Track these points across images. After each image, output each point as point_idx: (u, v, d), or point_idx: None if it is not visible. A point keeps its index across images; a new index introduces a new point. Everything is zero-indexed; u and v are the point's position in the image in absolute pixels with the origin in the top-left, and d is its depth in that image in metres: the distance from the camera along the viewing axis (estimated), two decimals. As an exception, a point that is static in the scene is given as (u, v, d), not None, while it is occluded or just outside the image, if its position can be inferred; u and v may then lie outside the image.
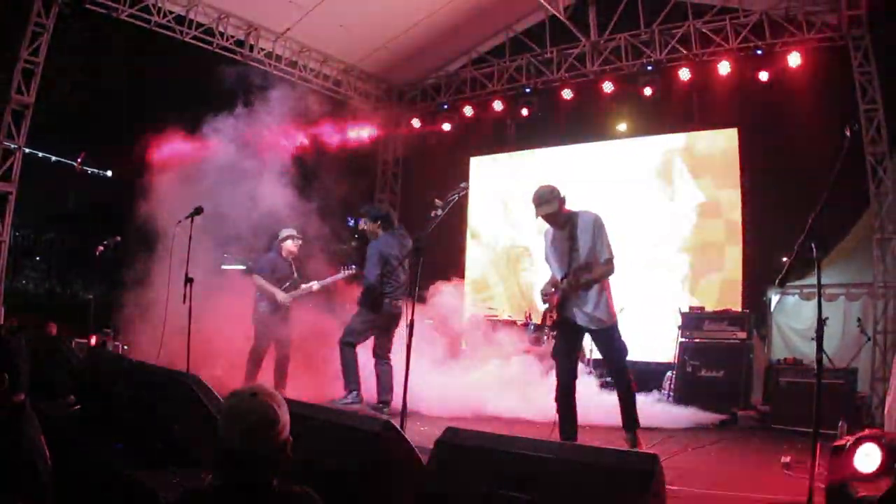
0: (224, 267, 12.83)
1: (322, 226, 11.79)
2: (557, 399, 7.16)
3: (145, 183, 12.36)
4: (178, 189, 11.59)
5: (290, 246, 10.92)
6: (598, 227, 7.13)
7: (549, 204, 7.12)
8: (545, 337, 12.24)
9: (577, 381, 7.32)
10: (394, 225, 9.93)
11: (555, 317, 7.31)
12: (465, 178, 16.42)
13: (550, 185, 7.30)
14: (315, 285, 10.87)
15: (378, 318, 9.55)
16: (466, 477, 4.09)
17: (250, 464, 2.84)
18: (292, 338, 10.79)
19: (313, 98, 17.31)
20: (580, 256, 7.05)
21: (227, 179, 11.51)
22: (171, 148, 13.17)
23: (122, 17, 13.78)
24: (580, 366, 8.77)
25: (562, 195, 7.26)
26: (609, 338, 7.29)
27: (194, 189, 11.22)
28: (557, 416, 7.15)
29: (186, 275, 9.81)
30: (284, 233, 10.98)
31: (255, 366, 10.51)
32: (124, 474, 4.41)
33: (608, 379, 12.12)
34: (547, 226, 7.41)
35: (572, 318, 7.20)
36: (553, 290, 7.33)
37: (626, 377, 7.26)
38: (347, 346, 9.52)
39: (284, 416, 2.95)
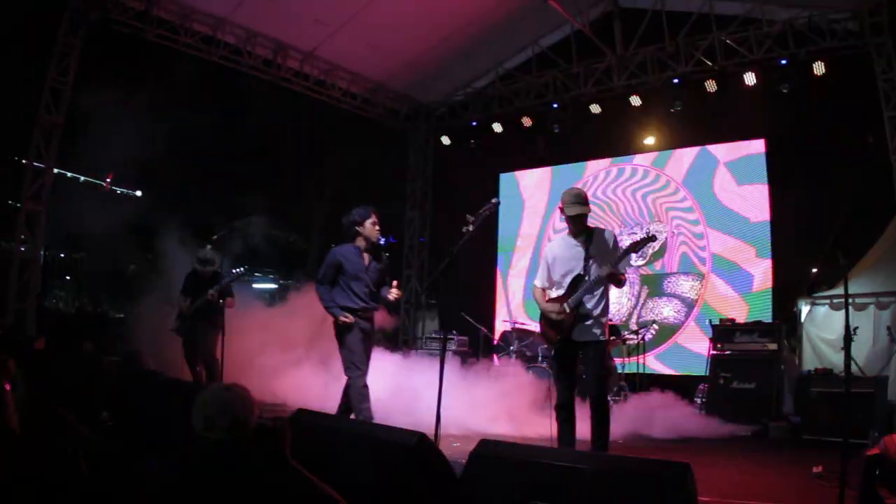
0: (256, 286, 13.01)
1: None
2: (557, 412, 6.99)
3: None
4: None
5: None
6: (616, 243, 7.10)
7: (583, 206, 6.97)
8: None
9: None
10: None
11: (558, 335, 7.04)
12: (495, 194, 16.54)
13: (584, 191, 7.21)
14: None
15: None
16: (501, 488, 4.13)
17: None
18: None
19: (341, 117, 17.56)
20: (594, 267, 6.96)
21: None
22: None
23: (149, 38, 14.01)
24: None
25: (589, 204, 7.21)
26: (600, 354, 7.04)
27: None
28: (557, 428, 7.01)
29: (211, 301, 10.00)
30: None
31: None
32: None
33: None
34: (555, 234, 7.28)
35: (572, 333, 6.98)
36: (564, 307, 7.01)
37: (606, 400, 6.97)
38: None
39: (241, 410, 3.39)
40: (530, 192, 17.70)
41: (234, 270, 10.27)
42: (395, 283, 8.42)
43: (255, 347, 12.20)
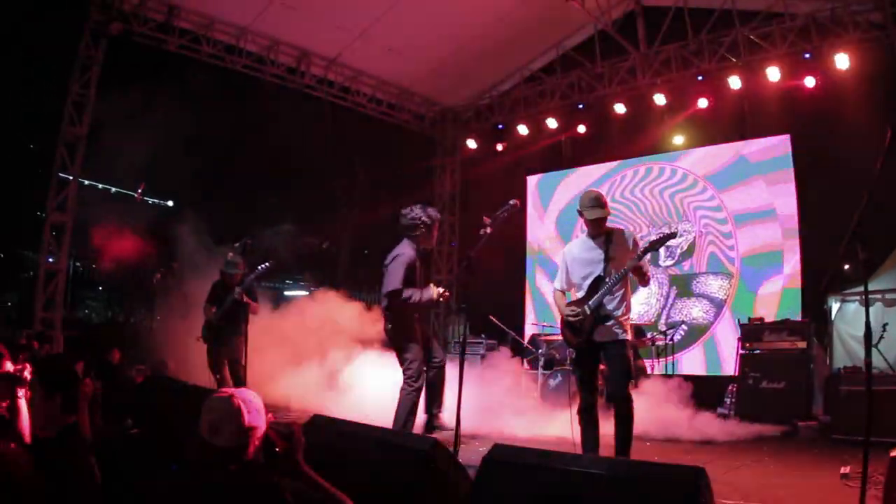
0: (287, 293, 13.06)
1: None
2: (580, 416, 6.93)
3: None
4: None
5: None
6: (635, 243, 7.04)
7: (602, 210, 6.92)
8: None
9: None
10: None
11: (578, 337, 6.97)
12: (522, 197, 16.52)
13: (602, 194, 7.13)
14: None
15: None
16: (514, 494, 4.09)
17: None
18: None
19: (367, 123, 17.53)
20: (613, 268, 6.86)
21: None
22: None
23: (171, 49, 14.11)
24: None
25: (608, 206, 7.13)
26: (622, 352, 6.89)
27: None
28: (580, 431, 6.93)
29: (239, 299, 10.00)
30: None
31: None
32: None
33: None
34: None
35: (593, 335, 6.91)
36: (584, 310, 6.90)
37: (630, 403, 6.72)
38: None
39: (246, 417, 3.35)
40: (557, 194, 17.61)
41: (259, 267, 10.26)
42: (431, 284, 8.38)
43: (262, 351, 12.22)
